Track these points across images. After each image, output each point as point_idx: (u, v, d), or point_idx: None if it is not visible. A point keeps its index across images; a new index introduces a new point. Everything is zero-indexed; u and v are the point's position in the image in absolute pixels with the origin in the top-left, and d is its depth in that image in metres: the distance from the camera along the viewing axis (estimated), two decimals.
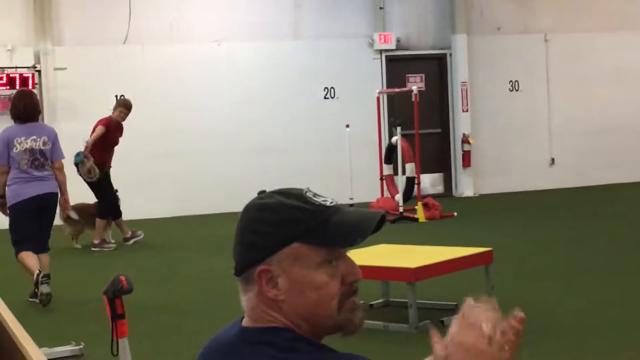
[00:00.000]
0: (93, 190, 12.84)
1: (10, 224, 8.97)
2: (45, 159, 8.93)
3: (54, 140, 9.03)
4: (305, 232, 1.87)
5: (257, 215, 1.90)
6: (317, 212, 1.89)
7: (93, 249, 12.73)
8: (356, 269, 1.94)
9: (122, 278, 2.54)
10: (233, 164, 16.42)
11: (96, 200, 12.92)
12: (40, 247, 8.91)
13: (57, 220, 14.23)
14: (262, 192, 1.94)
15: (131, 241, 12.99)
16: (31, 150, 8.84)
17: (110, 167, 13.00)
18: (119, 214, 12.88)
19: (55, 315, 8.42)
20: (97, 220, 12.73)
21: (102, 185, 12.79)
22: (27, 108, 8.98)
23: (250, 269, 1.89)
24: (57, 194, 9.10)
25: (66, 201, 9.34)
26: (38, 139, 8.90)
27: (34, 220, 8.85)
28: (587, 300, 8.00)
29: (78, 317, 8.16)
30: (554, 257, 10.44)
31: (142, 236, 13.05)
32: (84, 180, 12.68)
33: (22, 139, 8.84)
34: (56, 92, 16.05)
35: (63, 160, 9.26)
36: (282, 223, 1.88)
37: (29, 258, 8.75)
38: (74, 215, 12.14)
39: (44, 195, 8.91)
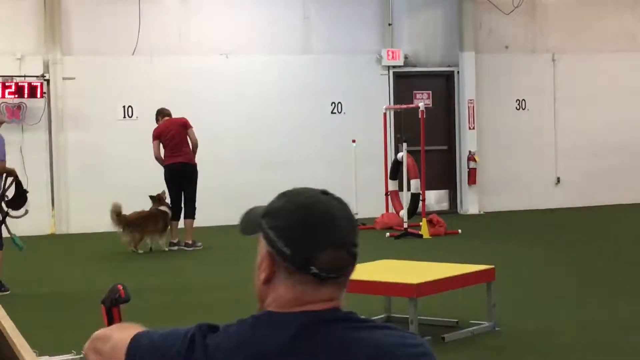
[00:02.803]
0: (191, 188, 13.45)
1: None
2: None
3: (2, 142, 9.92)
4: None
5: None
6: None
7: (186, 248, 13.27)
8: None
9: (120, 287, 2.56)
10: (238, 176, 16.45)
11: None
12: None
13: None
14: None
15: (175, 247, 13.45)
16: None
17: None
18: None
19: (58, 323, 8.44)
20: (190, 220, 13.38)
21: (196, 185, 13.47)
22: None
23: None
24: None
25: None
26: None
27: None
28: (588, 320, 7.99)
29: (82, 325, 8.17)
30: (557, 276, 10.43)
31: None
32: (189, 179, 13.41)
33: None
34: (64, 102, 16.11)
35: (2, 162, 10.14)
36: None
37: None
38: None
39: None
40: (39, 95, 15.76)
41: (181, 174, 13.42)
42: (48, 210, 16.03)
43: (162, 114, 13.82)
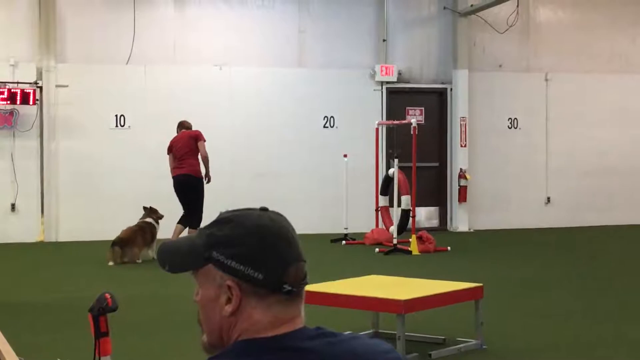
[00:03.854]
0: (195, 200, 13.45)
1: None
2: None
3: None
4: None
5: None
6: None
7: None
8: None
9: (108, 296, 2.56)
10: (230, 187, 16.43)
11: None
12: None
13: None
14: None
15: None
16: None
17: None
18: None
19: (45, 331, 8.41)
20: (193, 230, 13.23)
21: (203, 195, 13.49)
22: None
23: None
24: None
25: None
26: None
27: None
28: (576, 340, 8.00)
29: (69, 333, 8.15)
30: (546, 295, 10.44)
31: None
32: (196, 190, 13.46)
33: None
34: (57, 109, 16.09)
35: None
36: None
37: None
38: None
39: None
40: (31, 102, 15.74)
41: (184, 186, 13.47)
42: (37, 217, 15.99)
43: (181, 126, 13.90)
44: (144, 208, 13.72)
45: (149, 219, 13.55)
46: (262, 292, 1.86)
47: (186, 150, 13.46)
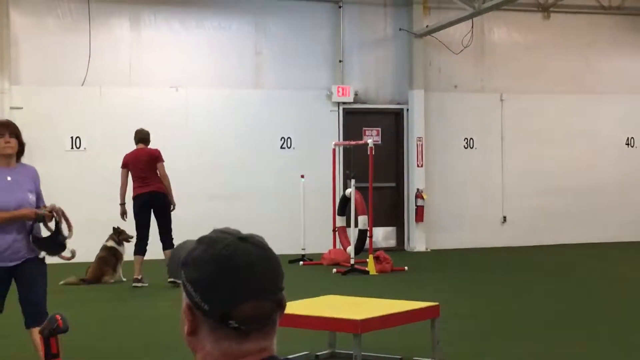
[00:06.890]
0: (164, 218, 13.16)
1: None
2: None
3: None
4: None
5: None
6: None
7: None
8: None
9: (58, 317, 2.54)
10: (187, 209, 16.34)
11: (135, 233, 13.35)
12: None
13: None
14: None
15: (139, 284, 13.01)
16: None
17: None
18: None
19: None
20: (169, 251, 12.79)
21: (169, 214, 13.22)
22: None
23: None
24: None
25: None
26: None
27: None
28: (533, 358, 8.04)
29: (20, 356, 8.06)
30: (502, 313, 10.49)
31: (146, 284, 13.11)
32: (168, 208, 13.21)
33: None
34: None
35: None
36: None
37: None
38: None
39: None
40: None
41: (151, 205, 13.06)
42: None
43: (139, 137, 13.38)
44: (113, 229, 13.72)
45: (110, 243, 13.61)
46: (210, 322, 1.82)
47: (148, 171, 13.04)
